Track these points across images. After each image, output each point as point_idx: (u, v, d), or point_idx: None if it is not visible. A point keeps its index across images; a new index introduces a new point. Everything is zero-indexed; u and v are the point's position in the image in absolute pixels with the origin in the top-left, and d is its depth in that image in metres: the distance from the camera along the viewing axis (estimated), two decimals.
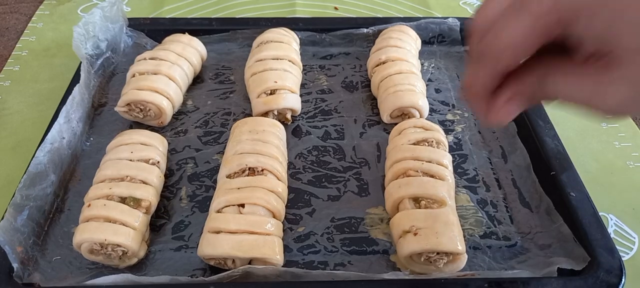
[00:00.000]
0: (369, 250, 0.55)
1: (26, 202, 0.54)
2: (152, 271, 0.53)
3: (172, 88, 0.68)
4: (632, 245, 0.58)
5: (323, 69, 0.79)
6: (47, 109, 0.72)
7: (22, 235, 0.52)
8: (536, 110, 0.67)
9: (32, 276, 0.51)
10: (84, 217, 0.52)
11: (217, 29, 0.83)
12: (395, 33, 0.77)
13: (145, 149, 0.59)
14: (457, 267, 0.50)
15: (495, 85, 0.37)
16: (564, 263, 0.51)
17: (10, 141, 0.69)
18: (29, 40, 0.88)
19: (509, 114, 0.37)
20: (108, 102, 0.72)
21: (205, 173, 0.63)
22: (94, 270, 0.52)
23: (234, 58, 0.81)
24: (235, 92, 0.75)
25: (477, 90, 0.37)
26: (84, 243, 0.51)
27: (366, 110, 0.72)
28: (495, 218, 0.58)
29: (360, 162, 0.65)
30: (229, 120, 0.70)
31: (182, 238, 0.56)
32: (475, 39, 0.36)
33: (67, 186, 0.61)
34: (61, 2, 0.98)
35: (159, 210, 0.58)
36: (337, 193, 0.61)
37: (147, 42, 0.82)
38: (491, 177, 0.63)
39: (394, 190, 0.55)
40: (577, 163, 0.61)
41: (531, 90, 0.36)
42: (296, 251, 0.55)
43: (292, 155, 0.65)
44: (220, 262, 0.51)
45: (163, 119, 0.68)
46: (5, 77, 0.79)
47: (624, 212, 0.61)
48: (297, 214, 0.58)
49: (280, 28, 0.79)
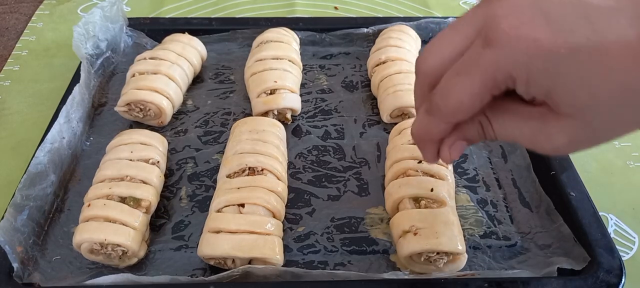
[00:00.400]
0: (369, 250, 0.55)
1: (26, 202, 0.54)
2: (152, 271, 0.53)
3: (172, 88, 0.68)
4: (632, 245, 0.58)
5: (323, 68, 0.79)
6: (47, 109, 0.72)
7: (22, 235, 0.52)
8: None
9: (32, 276, 0.51)
10: (84, 216, 0.52)
11: (217, 29, 0.83)
12: (395, 33, 0.77)
13: (145, 149, 0.59)
14: (457, 267, 0.50)
15: (446, 134, 0.40)
16: (564, 263, 0.51)
17: (10, 141, 0.69)
18: (29, 40, 0.88)
19: (455, 156, 0.41)
20: (108, 102, 0.72)
21: (205, 173, 0.63)
22: (94, 270, 0.52)
23: (234, 58, 0.81)
24: (235, 92, 0.75)
25: (430, 139, 0.40)
26: (84, 243, 0.51)
27: (366, 110, 0.72)
28: (495, 218, 0.58)
29: (360, 161, 0.65)
30: (229, 120, 0.70)
31: (182, 238, 0.56)
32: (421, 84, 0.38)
33: (67, 186, 0.61)
34: (61, 2, 0.98)
35: (159, 210, 0.58)
36: (337, 193, 0.61)
37: (147, 41, 0.82)
38: (491, 177, 0.63)
39: (394, 190, 0.55)
40: (577, 164, 0.61)
41: (474, 136, 0.39)
42: (296, 251, 0.55)
43: (292, 155, 0.65)
44: (220, 262, 0.51)
45: (163, 118, 0.68)
46: (5, 77, 0.79)
47: (624, 212, 0.61)
48: (297, 214, 0.58)
49: (280, 28, 0.79)
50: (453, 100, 0.35)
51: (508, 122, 0.36)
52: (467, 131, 0.39)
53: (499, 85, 0.33)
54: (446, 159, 0.41)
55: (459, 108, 0.35)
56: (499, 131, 0.37)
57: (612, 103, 0.31)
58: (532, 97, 0.34)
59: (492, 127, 0.37)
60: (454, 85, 0.35)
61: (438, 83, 0.37)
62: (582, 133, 0.33)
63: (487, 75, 0.33)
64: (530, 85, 0.32)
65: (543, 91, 0.32)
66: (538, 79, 0.32)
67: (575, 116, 0.32)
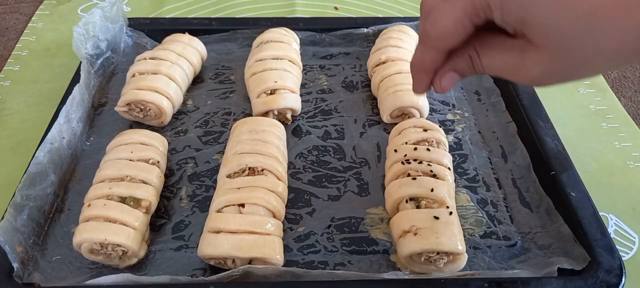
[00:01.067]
0: (369, 250, 0.55)
1: (26, 202, 0.54)
2: (152, 271, 0.53)
3: (172, 88, 0.68)
4: (632, 245, 0.58)
5: (323, 68, 0.79)
6: (47, 109, 0.72)
7: (22, 235, 0.52)
8: (536, 110, 0.67)
9: (32, 276, 0.51)
10: (84, 216, 0.52)
11: (217, 29, 0.83)
12: (395, 33, 0.77)
13: (145, 149, 0.59)
14: (457, 267, 0.50)
15: (439, 64, 0.43)
16: (564, 263, 0.51)
17: (10, 141, 0.69)
18: (29, 40, 0.88)
19: (447, 86, 0.44)
20: (108, 102, 0.72)
21: (205, 173, 0.63)
22: (94, 270, 0.52)
23: (234, 58, 0.81)
24: (235, 92, 0.75)
25: (423, 67, 0.43)
26: (84, 243, 0.51)
27: (366, 110, 0.72)
28: (496, 218, 0.58)
29: (360, 162, 0.65)
30: (229, 120, 0.70)
31: (182, 238, 0.56)
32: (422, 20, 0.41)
33: (67, 186, 0.61)
34: (61, 2, 0.98)
35: (159, 210, 0.58)
36: (337, 193, 0.61)
37: (147, 42, 0.82)
38: (491, 177, 0.63)
39: (394, 190, 0.55)
40: (577, 163, 0.61)
41: (463, 67, 0.42)
42: (296, 251, 0.55)
43: (292, 155, 0.65)
44: (220, 262, 0.51)
45: (163, 118, 0.68)
46: (5, 77, 0.79)
47: (624, 212, 0.61)
48: (297, 214, 0.58)
49: (281, 28, 0.79)
50: (439, 25, 0.39)
51: (493, 54, 0.39)
52: (458, 63, 0.42)
53: (477, 12, 0.37)
54: (437, 88, 0.44)
55: (444, 32, 0.39)
56: (486, 63, 0.40)
57: (579, 29, 0.33)
58: (510, 27, 0.37)
59: (479, 59, 0.40)
60: (441, 12, 0.38)
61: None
62: (555, 62, 0.35)
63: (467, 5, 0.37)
64: (504, 13, 0.35)
65: (518, 19, 0.35)
66: (511, 7, 0.35)
67: (548, 45, 0.35)
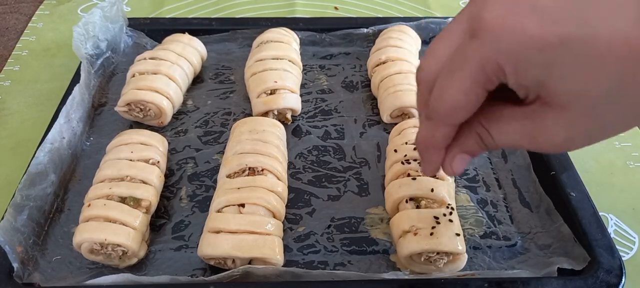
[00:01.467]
0: (369, 250, 0.55)
1: (26, 202, 0.54)
2: (152, 271, 0.53)
3: (172, 88, 0.68)
4: (632, 245, 0.58)
5: (323, 68, 0.79)
6: (47, 109, 0.72)
7: (22, 235, 0.52)
8: None
9: (32, 276, 0.51)
10: (84, 216, 0.52)
11: (217, 29, 0.83)
12: (395, 33, 0.77)
13: (145, 149, 0.59)
14: (457, 267, 0.50)
15: (450, 140, 0.39)
16: (564, 263, 0.51)
17: (10, 141, 0.69)
18: (29, 40, 0.88)
19: (459, 170, 0.40)
20: (108, 102, 0.72)
21: (205, 173, 0.63)
22: (94, 270, 0.52)
23: (234, 58, 0.81)
24: (235, 92, 0.75)
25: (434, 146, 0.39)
26: (84, 243, 0.51)
27: (366, 110, 0.72)
28: (495, 218, 0.58)
29: (360, 162, 0.65)
30: (229, 120, 0.70)
31: (182, 238, 0.56)
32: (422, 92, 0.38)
33: (67, 186, 0.61)
34: (61, 2, 0.98)
35: (159, 210, 0.58)
36: (337, 193, 0.61)
37: (147, 42, 0.82)
38: (491, 177, 0.63)
39: (394, 190, 0.55)
40: (577, 163, 0.61)
41: (474, 146, 0.38)
42: (296, 251, 0.55)
43: (292, 155, 0.65)
44: (220, 262, 0.51)
45: (163, 118, 0.68)
46: (5, 77, 0.79)
47: (624, 212, 0.61)
48: (297, 214, 0.58)
49: (280, 28, 0.79)
50: (448, 99, 0.35)
51: (505, 126, 0.36)
52: (466, 143, 0.39)
53: (489, 77, 0.33)
54: (448, 172, 0.41)
55: (455, 107, 0.35)
56: (498, 137, 0.36)
57: (607, 94, 0.30)
58: (524, 90, 0.33)
59: (490, 135, 0.37)
60: (447, 84, 0.35)
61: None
62: (579, 125, 0.32)
63: (476, 68, 0.33)
64: (520, 75, 0.32)
65: (534, 80, 0.32)
66: (527, 67, 0.31)
67: (571, 106, 0.32)
